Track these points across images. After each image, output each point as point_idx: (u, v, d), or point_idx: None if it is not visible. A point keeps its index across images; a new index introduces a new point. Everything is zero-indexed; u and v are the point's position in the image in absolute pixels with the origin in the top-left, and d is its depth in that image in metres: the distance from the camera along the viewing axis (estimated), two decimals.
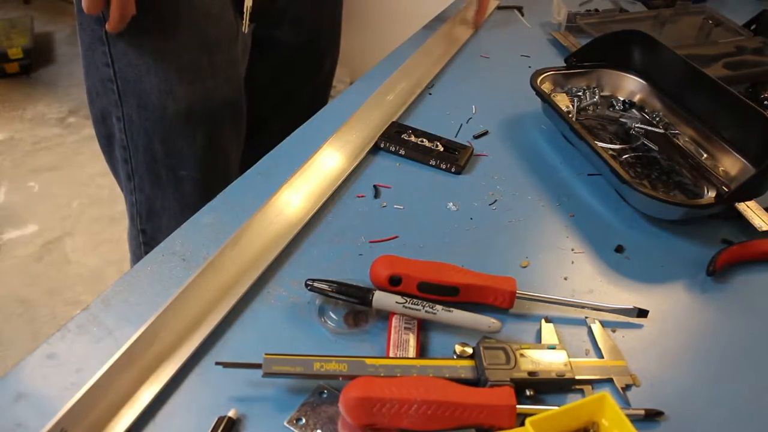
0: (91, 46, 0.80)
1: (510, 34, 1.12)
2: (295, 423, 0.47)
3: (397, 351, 0.52)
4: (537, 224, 0.70)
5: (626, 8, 1.22)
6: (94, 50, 0.80)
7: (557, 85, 0.88)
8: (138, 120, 0.83)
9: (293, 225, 0.65)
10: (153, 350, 0.51)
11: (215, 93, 0.86)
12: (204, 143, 0.87)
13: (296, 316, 0.56)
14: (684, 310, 0.61)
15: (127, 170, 0.88)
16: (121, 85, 0.81)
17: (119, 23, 0.73)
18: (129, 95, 0.82)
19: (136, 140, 0.85)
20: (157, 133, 0.84)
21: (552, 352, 0.53)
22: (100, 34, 0.78)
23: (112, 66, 0.80)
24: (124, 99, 0.82)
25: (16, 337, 1.61)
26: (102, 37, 0.78)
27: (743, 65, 0.99)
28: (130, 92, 0.81)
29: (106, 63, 0.80)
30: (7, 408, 0.47)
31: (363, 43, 2.56)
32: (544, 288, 0.61)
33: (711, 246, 0.67)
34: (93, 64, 0.82)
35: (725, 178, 0.75)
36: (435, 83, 0.94)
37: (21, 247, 1.87)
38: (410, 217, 0.69)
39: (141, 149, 0.85)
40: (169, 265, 0.60)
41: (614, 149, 0.80)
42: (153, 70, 0.80)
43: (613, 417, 0.46)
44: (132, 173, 0.88)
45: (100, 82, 0.82)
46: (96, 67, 0.82)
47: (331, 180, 0.71)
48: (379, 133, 0.78)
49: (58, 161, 2.22)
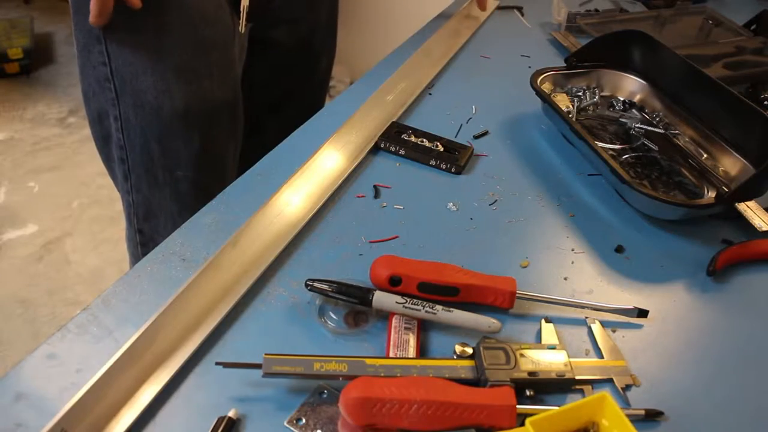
0: (87, 46, 0.80)
1: (510, 34, 1.12)
2: (295, 423, 0.47)
3: (397, 351, 0.52)
4: (537, 224, 0.70)
5: (626, 8, 1.22)
6: (90, 49, 0.80)
7: (557, 85, 0.88)
8: (134, 119, 0.83)
9: (293, 225, 0.65)
10: (153, 350, 0.51)
11: (212, 93, 0.86)
12: (201, 143, 0.87)
13: (296, 316, 0.56)
14: (684, 310, 0.61)
15: (124, 170, 0.88)
16: (117, 84, 0.81)
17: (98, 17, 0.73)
18: (126, 94, 0.81)
19: (132, 140, 0.85)
20: (154, 132, 0.84)
21: (552, 352, 0.53)
22: (97, 33, 0.78)
23: (109, 64, 0.80)
24: (121, 98, 0.82)
25: (16, 337, 1.61)
26: (98, 36, 0.78)
27: (743, 65, 0.99)
28: (127, 91, 0.81)
29: (102, 62, 0.80)
30: (7, 408, 0.47)
31: (363, 43, 2.56)
32: (544, 288, 0.61)
33: (711, 246, 0.67)
34: (89, 63, 0.82)
35: (725, 178, 0.75)
36: (435, 83, 0.94)
37: (21, 247, 1.87)
38: (410, 217, 0.69)
39: (138, 149, 0.85)
40: (169, 265, 0.60)
41: (614, 149, 0.80)
42: (149, 70, 0.80)
43: (613, 417, 0.46)
44: (128, 173, 0.88)
45: (97, 82, 0.82)
46: (92, 67, 0.81)
47: (331, 180, 0.71)
48: (379, 133, 0.78)
49: (58, 161, 2.22)
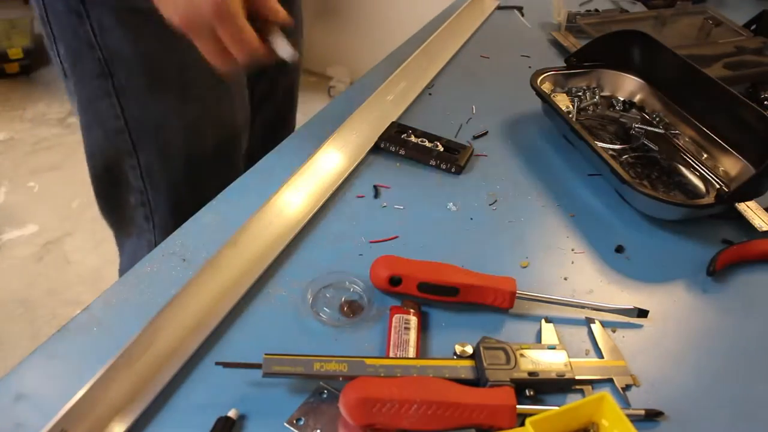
0: (94, 101, 0.77)
1: (510, 34, 1.12)
2: (295, 423, 0.47)
3: (397, 351, 0.52)
4: (537, 224, 0.70)
5: (626, 8, 1.22)
6: (97, 104, 0.77)
7: (557, 85, 0.88)
8: (159, 166, 0.81)
9: (293, 225, 0.65)
10: (153, 350, 0.51)
11: (235, 120, 0.85)
12: (227, 169, 0.86)
13: (296, 316, 0.56)
14: (684, 310, 0.61)
15: (145, 213, 0.86)
16: (135, 136, 0.78)
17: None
18: (146, 143, 0.79)
19: (157, 184, 0.82)
20: (182, 174, 0.82)
21: (552, 352, 0.53)
22: (106, 86, 0.75)
23: (123, 116, 0.77)
24: (140, 148, 0.79)
25: (16, 337, 1.61)
26: (108, 90, 0.75)
27: (743, 65, 0.99)
28: (148, 141, 0.79)
29: (114, 115, 0.77)
30: (7, 408, 0.47)
31: (363, 43, 2.56)
32: (544, 288, 0.61)
33: (711, 246, 0.67)
34: (97, 118, 0.78)
35: (725, 178, 0.75)
36: (435, 83, 0.94)
37: (21, 247, 1.87)
38: (410, 217, 0.69)
39: (164, 192, 0.83)
40: (169, 265, 0.60)
41: (614, 149, 0.80)
42: (176, 116, 0.78)
43: (613, 417, 0.46)
44: (150, 215, 0.86)
45: (105, 136, 0.79)
46: (101, 121, 0.78)
47: (331, 180, 0.71)
48: (379, 133, 0.78)
49: (58, 161, 2.22)
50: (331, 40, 2.65)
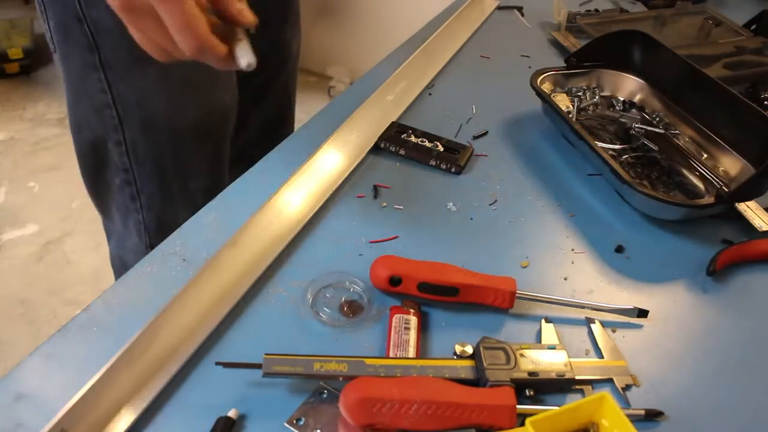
0: (81, 75, 0.77)
1: (510, 34, 1.12)
2: (295, 423, 0.47)
3: (397, 351, 0.52)
4: (537, 224, 0.70)
5: (626, 8, 1.22)
6: (84, 79, 0.77)
7: (557, 85, 0.88)
8: (144, 141, 0.81)
9: (293, 225, 0.65)
10: (153, 350, 0.51)
11: (220, 102, 0.85)
12: (212, 152, 0.86)
13: (296, 316, 0.56)
14: (684, 310, 0.61)
15: (131, 192, 0.86)
16: (121, 110, 0.79)
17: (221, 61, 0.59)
18: (131, 118, 0.79)
19: (142, 161, 0.83)
20: (167, 150, 0.83)
21: (552, 352, 0.53)
22: (93, 60, 0.75)
23: (110, 91, 0.77)
24: (126, 122, 0.80)
25: (16, 337, 1.61)
26: (95, 64, 0.75)
27: (743, 65, 0.99)
28: (133, 115, 0.79)
29: (101, 89, 0.77)
30: (7, 408, 0.47)
31: (363, 43, 2.56)
32: (544, 288, 0.61)
33: (711, 246, 0.67)
34: (84, 93, 0.79)
35: (725, 178, 0.75)
36: (435, 83, 0.94)
37: (21, 247, 1.87)
38: (410, 217, 0.69)
39: (148, 169, 0.84)
40: (169, 265, 0.60)
41: (614, 149, 0.80)
42: (157, 89, 0.78)
43: (613, 417, 0.46)
44: (137, 194, 0.86)
45: (93, 110, 0.79)
46: (88, 96, 0.78)
47: (331, 180, 0.71)
48: (379, 133, 0.78)
49: (58, 161, 2.22)
50: (331, 40, 2.65)
